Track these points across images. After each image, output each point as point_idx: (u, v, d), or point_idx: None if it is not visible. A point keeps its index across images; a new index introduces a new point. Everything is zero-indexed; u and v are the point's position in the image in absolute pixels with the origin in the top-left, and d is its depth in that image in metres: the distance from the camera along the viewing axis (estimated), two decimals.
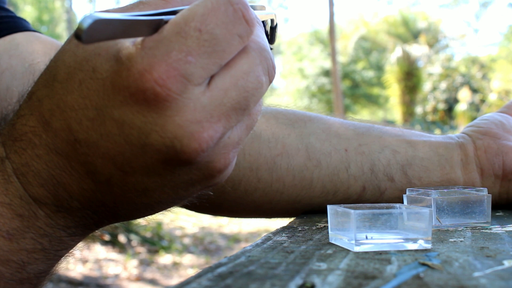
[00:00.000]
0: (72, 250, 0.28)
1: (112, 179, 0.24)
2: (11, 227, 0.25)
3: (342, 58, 14.09)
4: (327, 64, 13.81)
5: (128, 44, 0.23)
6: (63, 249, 0.27)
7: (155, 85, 0.21)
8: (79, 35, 0.20)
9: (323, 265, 0.24)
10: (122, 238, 3.09)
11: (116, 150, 0.23)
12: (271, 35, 0.32)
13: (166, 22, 0.22)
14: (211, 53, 0.22)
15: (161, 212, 0.29)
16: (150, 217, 0.29)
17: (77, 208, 0.26)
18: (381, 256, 0.26)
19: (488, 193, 0.36)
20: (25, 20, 0.46)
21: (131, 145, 0.23)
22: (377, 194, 0.44)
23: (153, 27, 0.22)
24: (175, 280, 2.52)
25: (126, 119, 0.22)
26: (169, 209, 0.29)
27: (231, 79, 0.23)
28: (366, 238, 0.28)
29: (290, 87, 16.30)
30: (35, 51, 0.43)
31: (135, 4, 0.24)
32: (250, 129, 0.25)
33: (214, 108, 0.22)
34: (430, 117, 11.63)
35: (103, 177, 0.24)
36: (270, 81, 0.25)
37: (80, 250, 0.29)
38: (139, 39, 0.23)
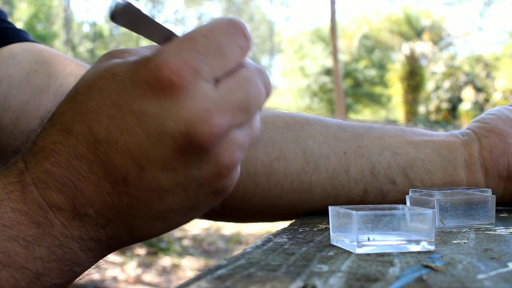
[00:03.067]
0: (86, 270, 0.29)
1: (128, 177, 0.26)
2: (27, 234, 0.26)
3: (344, 57, 14.07)
4: (329, 62, 13.80)
5: (144, 54, 0.26)
6: (77, 264, 0.28)
7: (171, 74, 0.25)
8: (113, 14, 0.24)
9: (325, 267, 0.24)
10: None
11: (134, 142, 0.25)
12: None
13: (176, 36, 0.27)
14: (216, 56, 0.26)
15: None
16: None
17: (91, 216, 0.27)
18: (384, 258, 0.26)
19: (492, 194, 0.36)
20: (24, 31, 0.46)
21: (149, 135, 0.25)
22: (379, 197, 0.44)
23: (166, 36, 0.27)
24: (174, 283, 2.52)
25: (144, 109, 0.25)
26: (177, 227, 0.29)
27: (234, 82, 0.26)
28: (368, 239, 0.27)
29: (291, 86, 16.31)
30: (32, 60, 0.43)
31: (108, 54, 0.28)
32: (252, 139, 0.28)
33: (221, 102, 0.26)
34: (433, 117, 11.60)
35: (120, 175, 0.26)
36: (267, 95, 0.28)
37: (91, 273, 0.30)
38: (153, 49, 0.27)
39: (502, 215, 0.41)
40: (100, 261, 0.30)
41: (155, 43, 0.28)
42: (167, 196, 0.27)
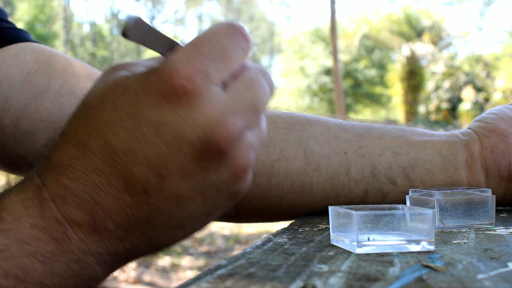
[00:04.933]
0: (101, 283, 0.29)
1: (149, 187, 0.26)
2: (45, 250, 0.26)
3: (344, 57, 14.06)
4: (329, 62, 13.79)
5: (151, 63, 0.27)
6: (93, 279, 0.28)
7: (184, 81, 0.25)
8: (125, 31, 0.25)
9: (325, 267, 0.24)
10: None
11: (152, 152, 0.25)
12: None
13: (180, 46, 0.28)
14: (222, 59, 0.26)
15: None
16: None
17: (110, 230, 0.27)
18: (384, 258, 0.26)
19: (493, 194, 0.36)
20: (25, 31, 0.46)
21: (167, 143, 0.25)
22: (379, 198, 0.43)
23: (170, 46, 0.27)
24: (174, 283, 2.52)
25: (160, 119, 0.25)
26: (193, 234, 0.30)
27: (242, 84, 0.27)
28: (368, 239, 0.27)
29: (291, 86, 16.30)
30: (33, 61, 0.43)
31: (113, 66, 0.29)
32: (260, 140, 0.28)
33: (233, 104, 0.26)
34: (433, 117, 11.59)
35: (141, 186, 0.26)
36: (271, 93, 0.28)
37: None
38: (159, 60, 0.27)
39: (502, 215, 0.41)
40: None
41: (159, 54, 0.28)
42: (186, 203, 0.27)
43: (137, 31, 0.25)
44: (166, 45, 0.27)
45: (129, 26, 0.25)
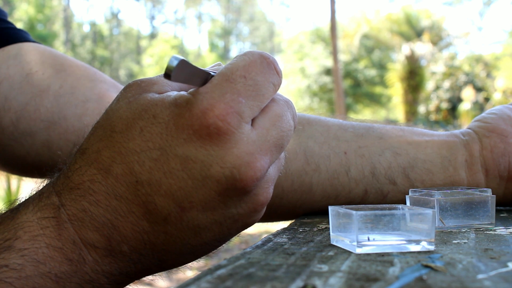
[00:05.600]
0: None
1: (169, 217, 0.26)
2: (60, 271, 0.26)
3: (344, 57, 14.05)
4: (329, 62, 13.79)
5: (181, 94, 0.26)
6: None
7: (217, 120, 0.25)
8: (168, 73, 0.24)
9: (325, 267, 0.24)
10: None
11: (178, 185, 0.25)
12: None
13: (212, 76, 0.27)
14: (255, 96, 0.26)
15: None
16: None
17: (125, 253, 0.27)
18: (384, 258, 0.26)
19: (493, 194, 0.36)
20: (24, 32, 0.46)
21: (193, 179, 0.25)
22: (379, 198, 0.43)
23: (205, 78, 0.27)
24: (174, 283, 2.51)
25: (189, 154, 0.25)
26: (206, 253, 0.30)
27: (270, 121, 0.27)
28: (368, 239, 0.27)
29: (291, 86, 16.29)
30: (33, 61, 0.43)
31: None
32: (280, 170, 0.29)
33: (262, 143, 0.26)
34: (433, 117, 11.59)
35: (161, 215, 0.26)
36: (295, 127, 0.29)
37: None
38: (189, 90, 0.27)
39: (502, 215, 0.41)
40: None
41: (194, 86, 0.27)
42: (202, 233, 0.27)
43: (179, 72, 0.25)
44: (201, 77, 0.27)
45: (173, 68, 0.24)
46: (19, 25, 0.48)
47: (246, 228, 0.29)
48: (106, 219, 0.26)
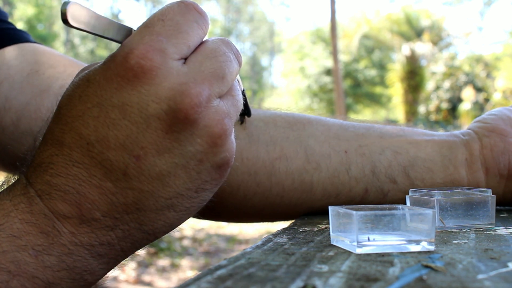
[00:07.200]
0: (101, 279, 0.29)
1: (127, 170, 0.26)
2: (36, 244, 0.26)
3: (344, 57, 14.06)
4: (329, 63, 13.79)
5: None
6: (88, 272, 0.28)
7: (139, 59, 0.26)
8: (63, 18, 0.24)
9: (325, 267, 0.24)
10: None
11: (124, 134, 0.26)
12: (246, 108, 0.39)
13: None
14: (177, 34, 0.27)
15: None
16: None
17: (99, 219, 0.27)
18: (384, 258, 0.26)
19: (493, 193, 0.36)
20: (25, 32, 0.47)
21: (136, 123, 0.26)
22: (380, 196, 0.43)
23: (125, 33, 0.27)
24: (174, 283, 2.52)
25: (124, 100, 0.26)
26: (189, 215, 0.29)
27: (202, 54, 0.27)
28: (368, 239, 0.27)
29: (291, 87, 16.30)
30: (33, 61, 0.44)
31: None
32: (237, 108, 0.29)
33: (195, 74, 0.26)
34: (433, 117, 11.59)
35: (120, 170, 0.26)
36: (239, 62, 0.29)
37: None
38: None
39: (502, 215, 0.41)
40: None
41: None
42: (170, 181, 0.27)
43: (78, 17, 0.25)
44: (121, 32, 0.27)
45: (66, 11, 0.24)
46: (19, 25, 0.48)
47: (221, 172, 0.28)
48: (70, 187, 0.26)
